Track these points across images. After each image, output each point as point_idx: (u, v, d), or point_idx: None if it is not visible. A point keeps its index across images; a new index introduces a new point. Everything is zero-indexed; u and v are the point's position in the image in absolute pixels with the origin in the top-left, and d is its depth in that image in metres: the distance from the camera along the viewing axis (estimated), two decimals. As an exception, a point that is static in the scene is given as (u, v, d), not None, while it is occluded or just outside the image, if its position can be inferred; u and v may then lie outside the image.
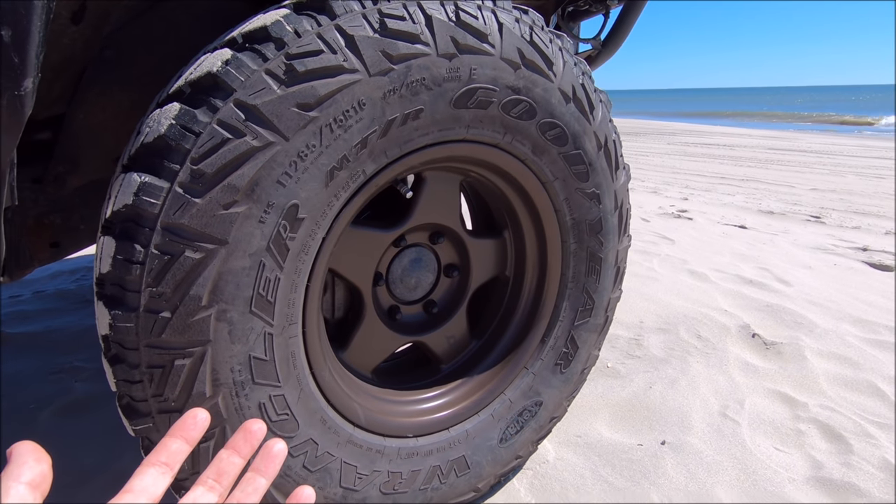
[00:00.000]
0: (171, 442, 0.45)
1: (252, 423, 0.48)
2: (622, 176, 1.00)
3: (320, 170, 0.65)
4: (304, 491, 0.48)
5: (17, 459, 0.36)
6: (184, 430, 0.45)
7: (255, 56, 0.60)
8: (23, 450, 0.37)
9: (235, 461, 0.47)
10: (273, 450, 0.47)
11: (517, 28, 0.77)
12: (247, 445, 0.47)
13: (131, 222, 0.59)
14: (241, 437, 0.47)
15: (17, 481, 0.35)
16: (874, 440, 1.22)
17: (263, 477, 0.47)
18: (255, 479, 0.46)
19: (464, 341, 1.06)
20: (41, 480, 0.36)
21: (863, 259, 2.80)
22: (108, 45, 0.97)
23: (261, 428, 0.48)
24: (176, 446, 0.45)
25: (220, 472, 0.46)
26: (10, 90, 0.50)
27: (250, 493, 0.46)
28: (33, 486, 0.36)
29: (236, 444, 0.47)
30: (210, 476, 0.45)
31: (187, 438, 0.45)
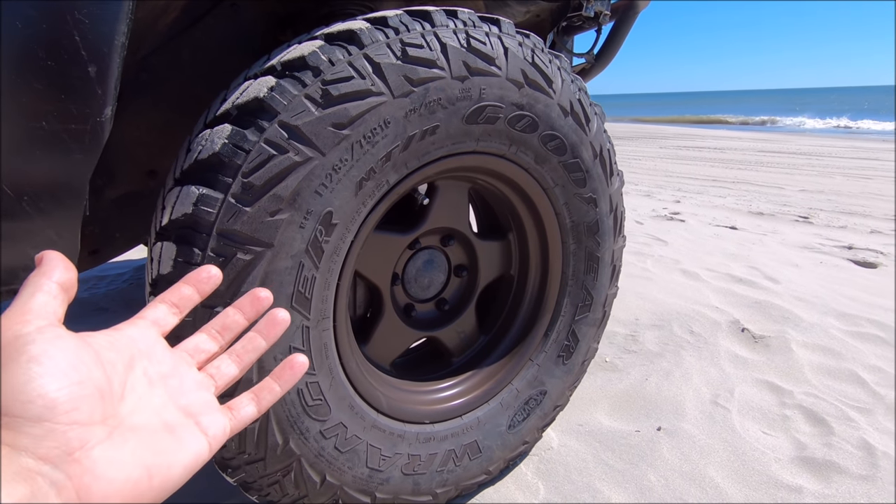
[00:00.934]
0: (184, 287, 0.45)
1: (260, 290, 0.48)
2: (616, 181, 1.09)
3: (351, 181, 0.73)
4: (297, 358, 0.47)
5: (49, 262, 0.37)
6: (197, 281, 0.45)
7: (296, 82, 0.69)
8: (53, 255, 0.37)
9: (239, 320, 0.47)
10: (277, 316, 0.47)
11: (520, 51, 0.87)
12: (252, 309, 0.47)
13: (189, 229, 0.67)
14: (248, 301, 0.47)
15: (48, 278, 0.36)
16: (854, 423, 1.31)
17: (264, 339, 0.46)
18: (256, 339, 0.46)
19: (473, 336, 1.14)
20: (70, 285, 0.37)
21: (848, 257, 2.91)
22: (143, 68, 1.06)
23: (268, 296, 0.48)
24: (188, 292, 0.45)
25: (224, 326, 0.46)
26: (93, 117, 0.59)
27: (249, 350, 0.46)
28: (63, 286, 0.36)
29: (243, 305, 0.47)
30: (214, 327, 0.46)
31: (199, 290, 0.45)
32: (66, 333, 0.34)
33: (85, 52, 0.56)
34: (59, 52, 0.55)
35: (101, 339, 0.37)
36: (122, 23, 0.58)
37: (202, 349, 0.45)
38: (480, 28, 0.83)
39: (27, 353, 0.32)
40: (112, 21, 0.57)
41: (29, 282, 0.36)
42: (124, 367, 0.37)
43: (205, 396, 0.42)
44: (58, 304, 0.35)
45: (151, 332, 0.42)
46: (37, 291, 0.35)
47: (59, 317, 0.35)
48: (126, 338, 0.39)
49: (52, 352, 0.32)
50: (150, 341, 0.41)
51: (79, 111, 0.58)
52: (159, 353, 0.41)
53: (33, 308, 0.34)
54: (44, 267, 0.37)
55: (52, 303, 0.35)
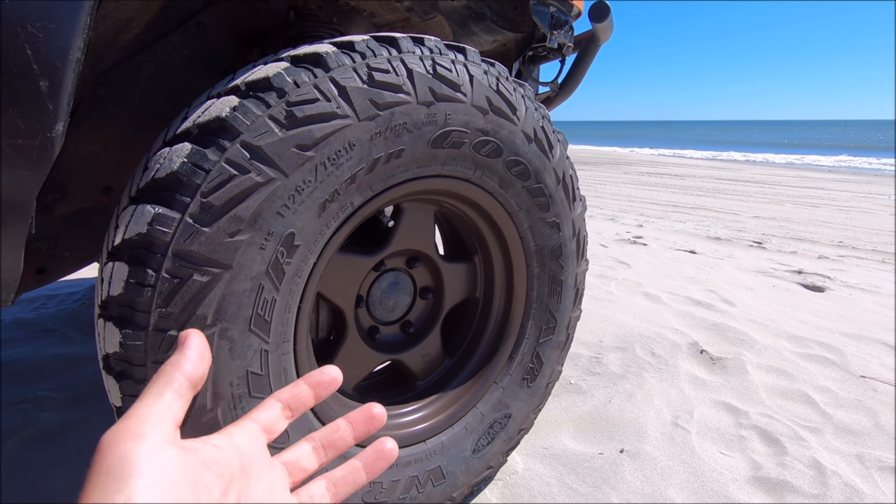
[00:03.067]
0: (303, 387, 0.43)
1: (374, 405, 0.45)
2: (579, 206, 1.12)
3: (314, 202, 0.73)
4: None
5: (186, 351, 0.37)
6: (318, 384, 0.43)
7: (260, 103, 0.69)
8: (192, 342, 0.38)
9: (347, 438, 0.44)
10: (385, 447, 0.45)
11: (486, 79, 0.89)
12: (364, 428, 0.45)
13: (143, 249, 0.65)
14: (362, 417, 0.45)
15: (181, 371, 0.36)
16: (805, 442, 1.36)
17: (366, 473, 0.44)
18: (358, 472, 0.44)
19: (438, 359, 1.13)
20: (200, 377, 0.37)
21: (798, 281, 3.05)
22: (100, 82, 1.03)
23: (382, 413, 0.45)
24: (305, 393, 0.43)
25: (331, 442, 0.44)
26: (43, 133, 0.56)
27: (349, 481, 0.44)
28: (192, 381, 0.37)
29: (355, 421, 0.45)
30: (320, 439, 0.44)
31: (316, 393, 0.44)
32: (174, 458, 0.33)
33: (37, 66, 0.54)
34: (10, 65, 0.53)
35: (207, 455, 0.36)
36: (78, 38, 0.57)
37: (301, 467, 0.43)
38: (447, 55, 0.85)
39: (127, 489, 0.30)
40: (67, 36, 0.56)
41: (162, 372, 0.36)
42: (220, 492, 0.36)
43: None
44: (181, 406, 0.36)
45: (259, 440, 0.41)
46: (166, 388, 0.35)
47: (179, 422, 0.35)
48: (232, 450, 0.39)
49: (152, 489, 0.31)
50: (254, 455, 0.40)
51: (27, 126, 0.56)
52: (258, 471, 0.40)
53: (154, 415, 0.34)
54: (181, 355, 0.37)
55: (175, 405, 0.35)
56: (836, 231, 5.28)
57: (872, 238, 4.96)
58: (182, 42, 1.07)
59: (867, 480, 1.23)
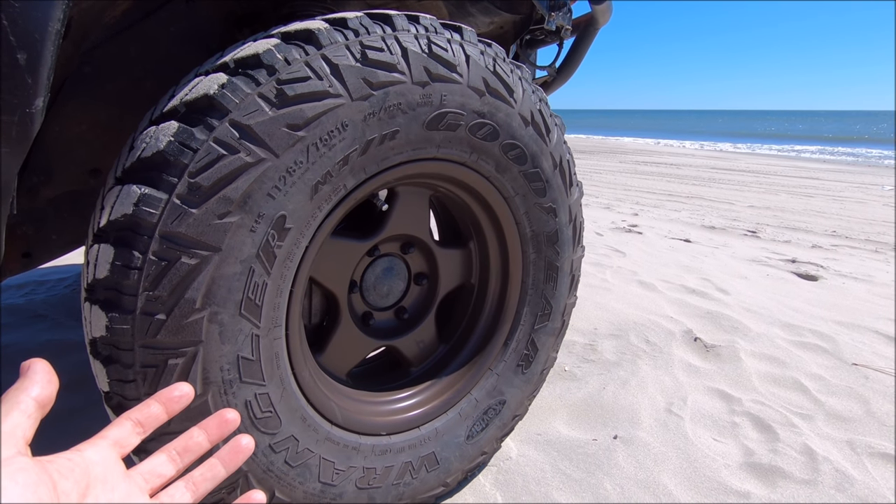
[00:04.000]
0: (153, 405, 0.45)
1: (228, 411, 0.48)
2: (576, 192, 1.10)
3: (306, 184, 0.71)
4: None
5: (32, 376, 0.38)
6: (168, 400, 0.46)
7: (249, 80, 0.66)
8: (38, 368, 0.39)
9: (202, 443, 0.47)
10: (241, 443, 0.48)
11: (482, 59, 0.87)
12: (217, 432, 0.48)
13: (129, 231, 0.63)
14: (215, 423, 0.48)
15: (27, 394, 0.37)
16: (797, 429, 1.36)
17: (224, 468, 0.47)
18: (216, 467, 0.47)
19: (433, 345, 1.12)
20: (48, 400, 0.39)
21: (791, 270, 3.06)
22: (86, 60, 1.00)
23: (235, 418, 0.48)
24: (156, 411, 0.45)
25: (186, 448, 0.46)
26: (21, 108, 0.54)
27: (208, 478, 0.46)
28: (40, 403, 0.38)
29: (208, 426, 0.47)
30: (175, 448, 0.46)
31: (168, 409, 0.46)
32: (29, 465, 0.35)
33: (14, 37, 0.52)
34: (-15, 36, 0.51)
35: (62, 465, 0.38)
36: (57, 9, 0.54)
37: (158, 473, 0.45)
38: (442, 34, 0.83)
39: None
40: (45, 6, 0.53)
41: (8, 396, 0.37)
42: (78, 497, 0.38)
43: None
44: (30, 425, 0.37)
45: (110, 454, 0.42)
46: (13, 409, 0.36)
47: (28, 439, 0.37)
48: (85, 462, 0.40)
49: (11, 490, 0.33)
50: (108, 465, 0.42)
51: (5, 101, 0.53)
52: (114, 479, 0.41)
53: (4, 432, 0.35)
54: (26, 380, 0.38)
55: (25, 423, 0.36)
56: (829, 221, 5.30)
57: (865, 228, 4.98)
58: (170, 19, 1.04)
59: (858, 466, 1.24)
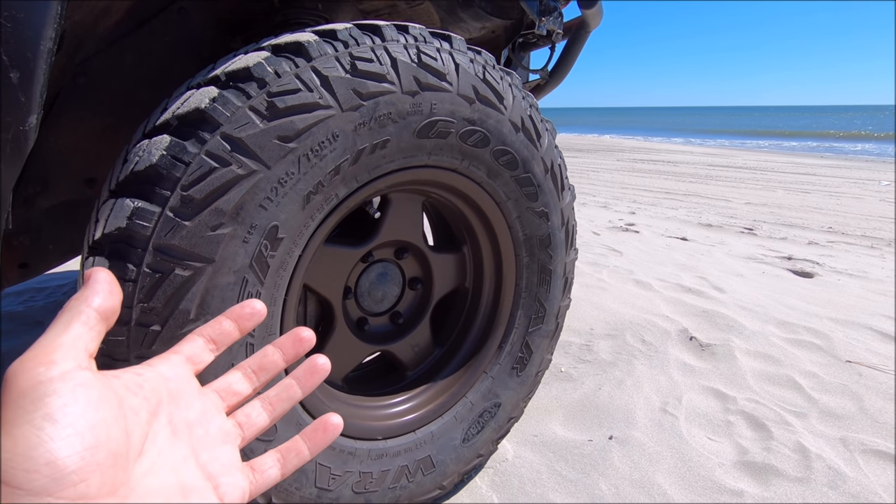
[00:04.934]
0: (225, 321, 0.43)
1: (303, 329, 0.45)
2: (567, 195, 1.11)
3: (298, 194, 0.72)
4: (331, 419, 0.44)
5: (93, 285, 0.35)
6: (240, 316, 0.43)
7: (240, 94, 0.67)
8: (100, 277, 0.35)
9: (278, 361, 0.44)
10: (318, 363, 0.44)
11: (472, 67, 0.88)
12: (293, 350, 0.44)
13: (123, 243, 0.64)
14: (290, 341, 0.44)
15: (89, 304, 0.34)
16: (791, 427, 1.38)
17: (301, 388, 0.44)
18: (293, 387, 0.44)
19: (428, 349, 1.13)
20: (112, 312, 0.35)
21: (787, 267, 3.08)
22: (80, 71, 1.01)
23: (310, 336, 0.45)
24: (228, 327, 0.42)
25: (261, 366, 0.43)
26: (15, 126, 0.55)
27: (284, 398, 0.43)
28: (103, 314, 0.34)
29: (283, 345, 0.44)
30: (251, 366, 0.43)
31: (241, 326, 0.43)
32: (91, 380, 0.31)
33: (7, 57, 0.53)
34: (-22, 56, 0.52)
35: (129, 380, 0.35)
36: (50, 27, 0.55)
37: (234, 391, 0.42)
38: (431, 44, 0.84)
39: (44, 407, 0.29)
40: (38, 25, 0.54)
41: (68, 306, 0.33)
42: (149, 415, 0.35)
43: (228, 452, 0.39)
44: (92, 338, 0.33)
45: (184, 369, 0.39)
46: (73, 320, 0.33)
47: (92, 352, 0.33)
48: (156, 377, 0.37)
49: (71, 407, 0.29)
50: (182, 381, 0.39)
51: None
52: (188, 396, 0.39)
53: (64, 343, 0.31)
54: (87, 290, 0.34)
55: (87, 335, 0.33)
56: (826, 217, 5.32)
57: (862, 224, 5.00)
58: (163, 29, 1.05)
59: (850, 464, 1.26)
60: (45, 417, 0.28)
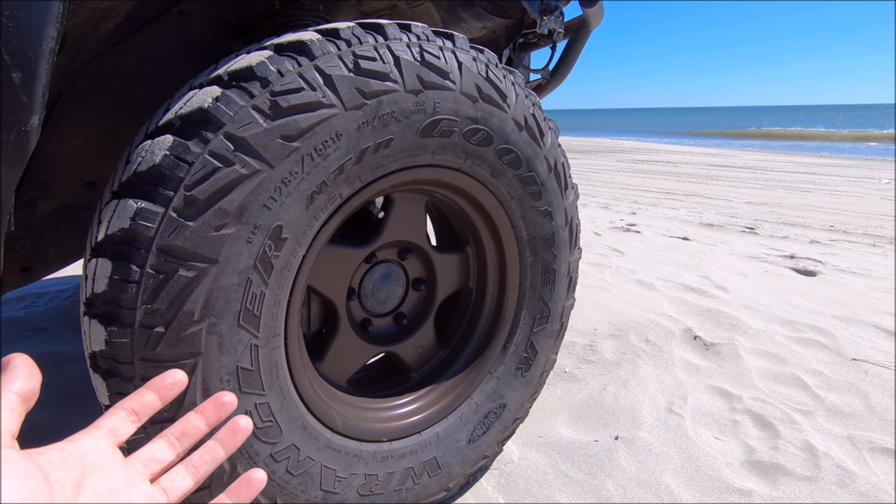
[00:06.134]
0: (146, 393, 0.44)
1: (224, 394, 0.47)
2: (571, 194, 1.11)
3: (302, 194, 0.71)
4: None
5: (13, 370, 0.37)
6: (162, 387, 0.45)
7: (243, 93, 0.67)
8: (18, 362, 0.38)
9: (200, 426, 0.46)
10: (239, 424, 0.47)
11: (474, 66, 0.87)
12: (215, 414, 0.47)
13: (126, 245, 0.64)
14: (212, 406, 0.47)
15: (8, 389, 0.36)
16: (798, 426, 1.37)
17: (224, 449, 0.46)
18: (216, 449, 0.46)
19: (432, 350, 1.13)
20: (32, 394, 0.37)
21: (790, 266, 3.07)
22: (81, 74, 1.01)
23: (231, 400, 0.47)
24: (149, 399, 0.44)
25: (184, 432, 0.45)
26: (17, 126, 0.55)
27: (208, 460, 0.45)
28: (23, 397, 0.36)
29: (206, 410, 0.47)
30: (174, 433, 0.45)
31: (162, 396, 0.45)
32: (16, 458, 0.33)
33: (8, 56, 0.53)
34: (-21, 56, 0.51)
35: (53, 456, 0.36)
36: (51, 27, 0.55)
37: (157, 458, 0.44)
38: (434, 42, 0.83)
39: None
40: (39, 25, 0.54)
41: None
42: (73, 487, 0.36)
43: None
44: (14, 419, 0.35)
45: (106, 442, 0.41)
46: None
47: (14, 433, 0.35)
48: (79, 451, 0.39)
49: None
50: (104, 454, 0.40)
51: (1, 120, 0.54)
52: (111, 467, 0.40)
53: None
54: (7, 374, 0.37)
55: (9, 418, 0.35)
56: (827, 215, 5.31)
57: (863, 222, 4.99)
58: (164, 31, 1.05)
59: (859, 462, 1.25)
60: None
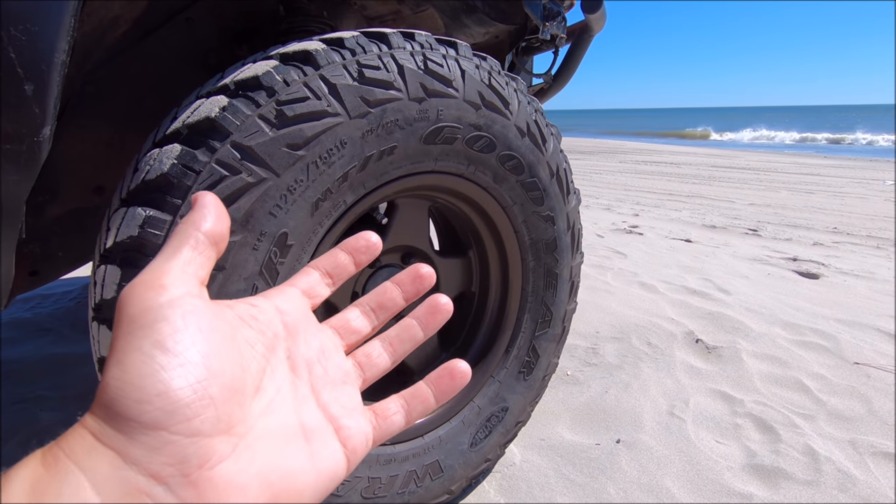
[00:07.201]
0: (340, 254, 0.40)
1: (422, 266, 0.41)
2: (573, 199, 1.12)
3: (307, 201, 0.73)
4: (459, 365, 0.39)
5: (201, 208, 0.32)
6: (355, 249, 0.40)
7: (249, 102, 0.68)
8: (207, 200, 0.32)
9: (397, 299, 0.40)
10: (439, 302, 0.40)
11: (477, 73, 0.88)
12: (412, 288, 0.41)
13: (135, 252, 0.65)
14: (409, 278, 0.41)
15: (197, 228, 0.31)
16: (799, 429, 1.37)
17: (423, 329, 0.40)
18: (413, 328, 0.40)
19: (435, 353, 1.14)
20: (221, 236, 0.32)
21: (793, 268, 3.07)
22: (88, 81, 1.02)
23: (430, 273, 0.41)
24: (344, 260, 0.39)
25: (380, 304, 0.40)
26: (30, 137, 0.56)
27: (406, 339, 0.40)
28: (213, 238, 0.31)
29: (402, 282, 0.41)
30: (369, 303, 0.40)
31: (356, 260, 0.40)
32: (204, 307, 0.28)
33: (21, 69, 0.54)
34: (-7, 68, 0.53)
35: (244, 311, 0.32)
36: (63, 40, 0.56)
37: (353, 329, 0.39)
38: (437, 50, 0.84)
39: (155, 333, 0.26)
40: (51, 38, 0.55)
41: (178, 231, 0.31)
42: (265, 349, 0.32)
43: (349, 393, 0.35)
44: (201, 263, 0.30)
45: (301, 303, 0.36)
46: (183, 244, 0.30)
47: (203, 279, 0.30)
48: (273, 309, 0.34)
49: (182, 334, 0.26)
50: (299, 315, 0.35)
51: (14, 131, 0.55)
52: (307, 331, 0.35)
53: (174, 268, 0.29)
54: (195, 213, 0.31)
55: (197, 260, 0.30)
56: (830, 217, 5.30)
57: (867, 224, 4.98)
58: (170, 38, 1.06)
59: (860, 466, 1.25)
60: (155, 345, 0.26)
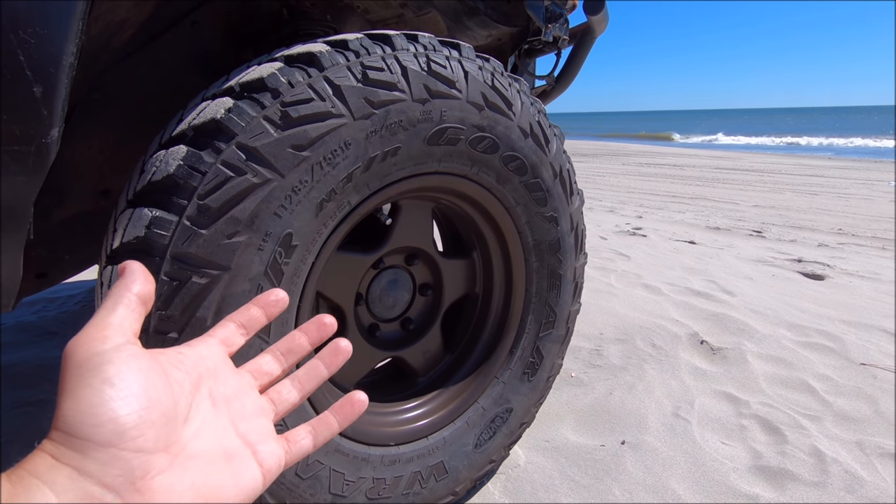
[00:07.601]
0: (253, 308, 0.45)
1: (325, 316, 0.47)
2: (576, 200, 1.12)
3: (311, 202, 0.73)
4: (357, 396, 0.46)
5: (130, 274, 0.38)
6: (266, 304, 0.46)
7: (254, 104, 0.69)
8: (135, 268, 0.39)
9: (304, 344, 0.46)
10: (340, 345, 0.47)
11: (480, 75, 0.89)
12: (317, 334, 0.47)
13: (141, 252, 0.65)
14: (314, 326, 0.47)
15: (129, 290, 0.37)
16: (805, 431, 1.36)
17: (326, 368, 0.46)
18: (319, 367, 0.46)
19: (439, 355, 1.14)
20: (149, 297, 0.38)
21: (797, 270, 3.05)
22: (96, 86, 1.03)
23: (332, 322, 0.47)
24: (256, 314, 0.45)
25: (289, 349, 0.46)
26: (38, 139, 0.57)
27: (313, 377, 0.46)
28: (142, 298, 0.37)
29: (308, 330, 0.47)
30: (279, 349, 0.46)
31: (267, 313, 0.46)
32: (140, 352, 0.35)
33: (30, 72, 0.54)
34: (3, 71, 0.53)
35: (172, 357, 0.38)
36: (71, 43, 0.56)
37: (265, 371, 0.45)
38: (441, 52, 0.85)
39: (102, 373, 0.32)
40: (60, 41, 0.56)
41: (112, 293, 0.37)
42: (191, 387, 0.38)
43: (264, 423, 0.42)
44: (135, 318, 0.36)
45: (220, 350, 0.42)
46: (118, 304, 0.36)
47: (136, 332, 0.36)
48: (195, 355, 0.40)
49: (125, 373, 0.32)
50: (218, 360, 0.42)
51: (23, 133, 0.56)
52: (225, 373, 0.42)
53: (113, 322, 0.35)
54: (125, 278, 0.38)
55: (131, 317, 0.36)
56: (835, 218, 5.28)
57: (872, 225, 4.95)
58: (176, 42, 1.07)
59: (867, 467, 1.24)
60: (104, 382, 0.31)
